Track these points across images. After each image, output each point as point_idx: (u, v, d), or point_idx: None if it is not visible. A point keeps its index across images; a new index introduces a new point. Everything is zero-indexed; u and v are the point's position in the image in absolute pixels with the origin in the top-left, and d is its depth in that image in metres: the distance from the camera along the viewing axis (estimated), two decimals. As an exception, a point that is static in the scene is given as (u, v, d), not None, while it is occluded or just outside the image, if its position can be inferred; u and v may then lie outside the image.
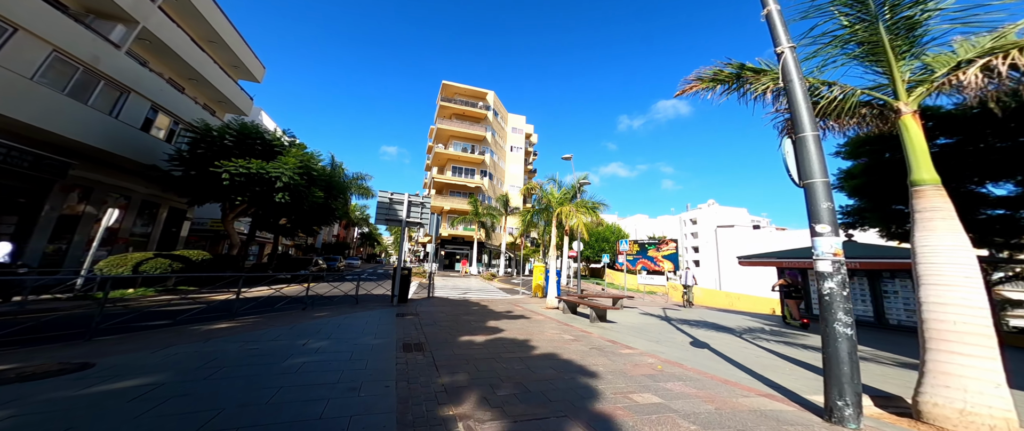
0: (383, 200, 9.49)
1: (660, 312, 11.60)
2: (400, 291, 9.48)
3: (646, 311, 11.54)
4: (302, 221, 18.08)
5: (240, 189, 12.29)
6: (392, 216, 9.59)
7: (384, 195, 9.52)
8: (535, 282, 14.84)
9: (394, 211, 9.61)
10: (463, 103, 41.46)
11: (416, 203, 9.98)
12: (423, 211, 10.05)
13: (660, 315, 10.65)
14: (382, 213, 9.45)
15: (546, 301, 10.45)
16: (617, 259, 30.40)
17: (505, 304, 11.03)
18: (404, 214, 9.56)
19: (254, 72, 20.65)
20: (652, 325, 8.38)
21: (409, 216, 9.80)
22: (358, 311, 7.85)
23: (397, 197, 9.68)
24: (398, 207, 9.65)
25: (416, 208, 9.96)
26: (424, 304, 9.87)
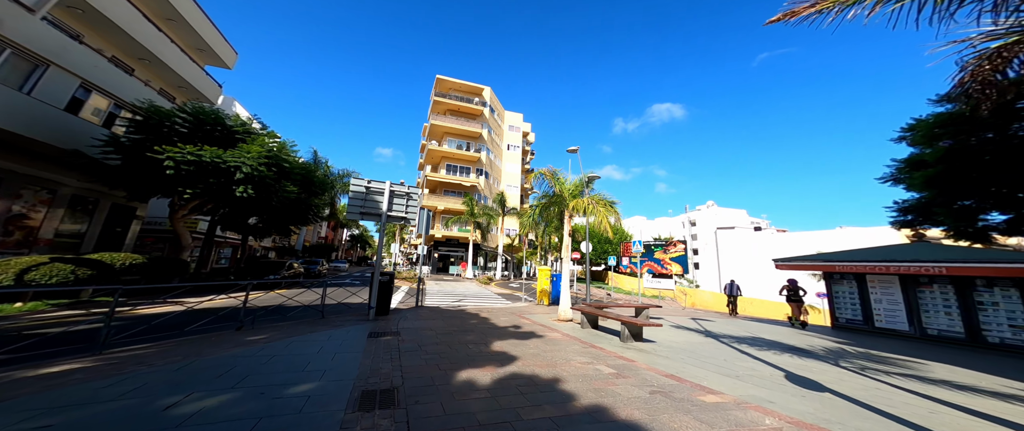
0: (357, 189, 7.62)
1: (694, 324, 9.85)
2: (379, 301, 7.60)
3: (678, 323, 9.78)
4: (275, 220, 16.04)
5: (189, 180, 10.29)
6: (370, 209, 7.71)
7: (359, 183, 7.66)
8: (540, 287, 13.05)
9: (372, 203, 7.75)
10: (458, 98, 39.68)
11: (400, 194, 8.14)
12: (409, 204, 8.21)
13: (698, 329, 8.88)
14: (356, 205, 7.57)
15: (558, 311, 8.66)
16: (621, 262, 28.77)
17: (508, 315, 9.22)
18: (385, 206, 7.70)
19: (223, 57, 18.63)
20: (703, 345, 6.57)
21: (392, 209, 7.95)
22: (320, 330, 5.97)
23: (376, 185, 7.83)
24: (377, 198, 7.80)
25: (400, 200, 8.11)
26: (410, 317, 8.01)
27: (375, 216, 7.67)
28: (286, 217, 16.16)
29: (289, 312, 7.40)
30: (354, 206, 7.51)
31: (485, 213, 31.00)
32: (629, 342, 6.03)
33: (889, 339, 8.38)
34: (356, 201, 7.54)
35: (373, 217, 7.66)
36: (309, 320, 6.86)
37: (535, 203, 10.36)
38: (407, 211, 8.16)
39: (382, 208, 7.73)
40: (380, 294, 7.76)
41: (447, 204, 34.52)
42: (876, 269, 8.37)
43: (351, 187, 7.54)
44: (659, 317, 10.57)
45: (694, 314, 13.67)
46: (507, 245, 38.56)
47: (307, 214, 17.33)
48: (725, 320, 11.60)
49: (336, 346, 4.92)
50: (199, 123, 11.67)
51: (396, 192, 8.11)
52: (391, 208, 7.96)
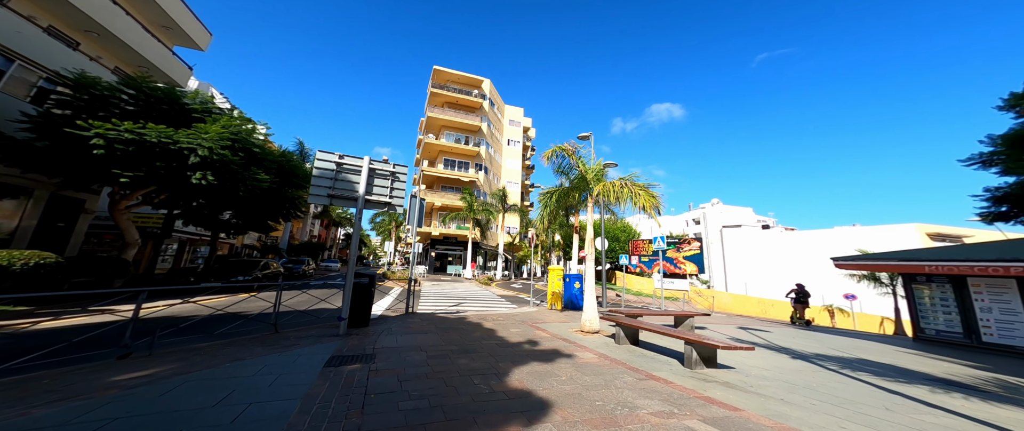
0: (324, 165, 5.84)
1: (755, 336, 8.07)
2: (354, 308, 5.86)
3: (732, 335, 8.04)
4: (249, 214, 14.22)
5: (129, 163, 8.50)
6: (342, 191, 5.94)
7: (326, 158, 5.87)
8: (551, 289, 11.35)
9: (346, 184, 5.99)
10: (456, 90, 37.91)
11: (383, 173, 6.38)
12: (395, 186, 6.46)
13: (770, 344, 7.01)
14: (322, 186, 5.79)
15: (582, 321, 6.95)
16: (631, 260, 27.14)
17: (518, 324, 7.51)
18: (362, 188, 5.94)
19: (195, 37, 16.79)
20: (803, 373, 4.71)
21: (372, 192, 6.19)
22: (258, 354, 4.22)
23: (351, 162, 6.07)
24: (352, 178, 6.04)
25: (383, 181, 6.36)
26: (396, 329, 6.27)
27: (349, 200, 5.91)
28: (261, 211, 14.35)
29: (227, 325, 5.56)
30: (319, 187, 5.74)
31: (484, 209, 29.27)
32: (700, 369, 4.32)
33: (1010, 359, 6.63)
34: (322, 181, 5.77)
35: (346, 202, 5.90)
36: (254, 337, 5.09)
37: (548, 190, 8.63)
38: (391, 195, 6.41)
39: (358, 190, 5.98)
40: (357, 299, 6.02)
41: (445, 200, 32.75)
42: (988, 271, 6.65)
43: (316, 162, 5.77)
44: (703, 325, 8.83)
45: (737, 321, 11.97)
46: (507, 243, 36.84)
47: (287, 208, 15.53)
48: (784, 329, 9.87)
49: (262, 387, 3.17)
50: (149, 98, 9.87)
51: (377, 170, 6.36)
52: (371, 191, 6.21)
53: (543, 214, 8.66)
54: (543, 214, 8.66)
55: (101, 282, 9.43)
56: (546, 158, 7.75)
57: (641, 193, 6.44)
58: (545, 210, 8.65)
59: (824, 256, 33.07)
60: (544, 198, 8.61)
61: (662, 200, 6.48)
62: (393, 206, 6.42)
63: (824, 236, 34.86)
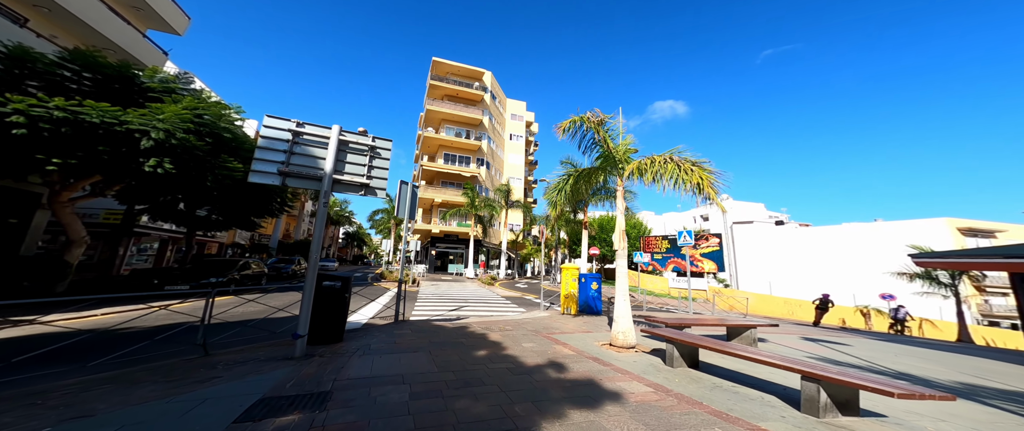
0: (274, 134, 4.34)
1: (845, 354, 6.53)
2: (319, 321, 4.44)
3: (810, 351, 6.57)
4: (226, 209, 12.85)
5: (63, 147, 7.12)
6: (301, 170, 4.47)
7: (277, 125, 4.37)
8: (564, 291, 9.91)
9: (305, 160, 4.53)
10: (457, 83, 36.45)
11: (358, 147, 4.93)
12: (374, 165, 5.01)
13: (882, 369, 5.56)
14: (270, 160, 4.25)
15: (613, 333, 5.49)
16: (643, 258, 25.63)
17: (531, 336, 6.08)
18: (329, 164, 4.50)
19: (169, 20, 15.42)
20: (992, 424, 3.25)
21: (343, 171, 4.75)
22: (139, 401, 2.79)
23: (314, 132, 4.61)
24: (314, 152, 4.60)
25: (358, 157, 4.90)
26: (376, 347, 4.84)
27: (309, 181, 4.46)
28: (241, 206, 12.97)
29: (135, 346, 4.04)
30: (266, 162, 4.23)
31: (487, 206, 27.86)
32: (832, 417, 2.85)
33: None
34: (271, 154, 4.30)
35: (306, 182, 4.45)
36: (163, 365, 3.64)
37: (566, 172, 7.15)
38: (370, 175, 4.96)
39: (324, 168, 4.53)
40: (324, 309, 4.60)
41: (445, 196, 31.36)
42: None
43: (262, 131, 4.31)
44: (763, 337, 7.26)
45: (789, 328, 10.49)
46: (511, 241, 35.43)
47: (270, 202, 14.15)
48: (866, 341, 8.29)
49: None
50: (99, 79, 8.49)
51: (351, 144, 4.91)
52: (341, 169, 4.77)
53: (557, 200, 7.20)
54: (557, 200, 7.20)
55: (39, 289, 8.06)
56: (562, 131, 6.28)
57: (694, 169, 4.93)
58: (559, 196, 7.18)
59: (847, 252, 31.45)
60: (560, 182, 7.13)
61: (721, 179, 4.97)
62: (372, 189, 4.98)
63: (845, 232, 33.18)
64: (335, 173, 4.67)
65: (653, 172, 5.42)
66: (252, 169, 4.12)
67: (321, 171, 4.53)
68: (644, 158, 5.68)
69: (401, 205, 7.48)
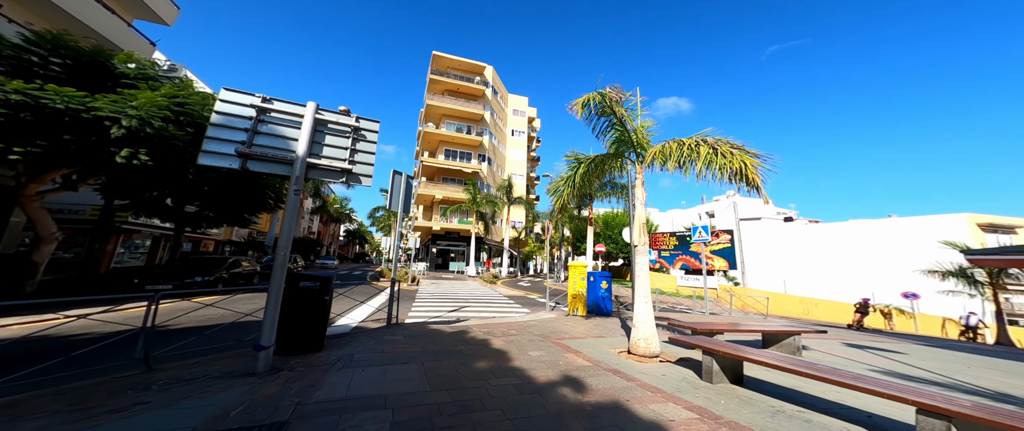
0: (233, 109, 3.60)
1: (908, 365, 5.79)
2: (295, 328, 3.78)
3: (860, 359, 5.83)
4: (216, 204, 12.26)
5: (24, 134, 6.50)
6: (265, 151, 3.75)
7: (236, 99, 3.63)
8: (572, 291, 9.23)
9: (273, 140, 3.82)
10: (457, 77, 35.69)
11: (339, 128, 4.24)
12: (358, 148, 4.32)
13: (964, 385, 4.80)
14: (226, 139, 3.50)
15: (634, 340, 4.80)
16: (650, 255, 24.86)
17: (538, 342, 5.40)
18: (302, 147, 3.81)
19: (157, 9, 14.76)
20: None
21: (320, 154, 4.07)
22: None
23: (284, 108, 3.92)
24: (283, 131, 3.91)
25: (338, 139, 4.22)
26: (359, 358, 4.18)
27: (277, 164, 3.77)
28: (232, 201, 12.36)
29: (80, 352, 3.42)
30: (221, 142, 3.51)
31: (489, 202, 27.16)
32: None
33: None
34: (228, 133, 3.59)
35: (273, 166, 3.77)
36: (94, 381, 2.98)
37: (576, 160, 6.43)
38: (352, 160, 4.28)
39: (296, 150, 3.84)
40: (299, 313, 3.94)
41: (446, 193, 30.70)
42: None
43: (218, 106, 3.61)
44: (805, 344, 6.45)
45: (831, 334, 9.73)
46: (513, 239, 34.80)
47: (263, 197, 13.53)
48: (921, 348, 7.45)
49: None
50: (71, 65, 7.86)
51: (330, 124, 4.23)
52: (318, 152, 4.09)
53: (565, 191, 6.50)
54: (565, 191, 6.50)
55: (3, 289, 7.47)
56: (580, 107, 5.56)
57: (734, 153, 4.13)
58: (567, 186, 6.48)
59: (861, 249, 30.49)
60: (569, 171, 6.42)
61: (767, 164, 4.19)
62: (356, 176, 4.30)
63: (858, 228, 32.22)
64: (310, 157, 3.98)
65: (679, 157, 4.68)
66: (203, 149, 3.44)
67: (292, 154, 3.85)
68: (668, 141, 4.94)
69: (394, 197, 6.81)
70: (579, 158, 6.31)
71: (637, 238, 5.07)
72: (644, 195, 5.33)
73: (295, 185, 3.64)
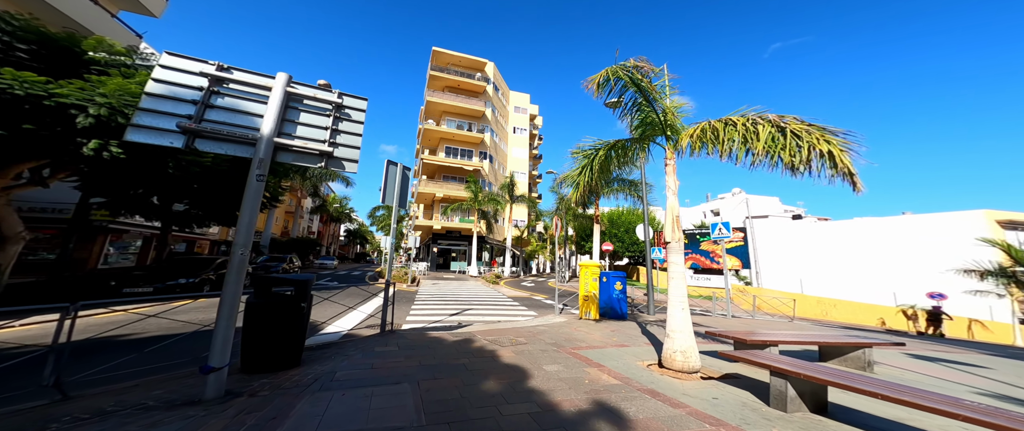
0: (176, 78, 2.85)
1: None
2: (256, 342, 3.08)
3: (956, 380, 4.99)
4: (204, 202, 11.60)
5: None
6: (219, 128, 2.99)
7: (181, 66, 2.90)
8: (583, 292, 8.50)
9: (229, 115, 3.08)
10: (458, 73, 35.00)
11: (316, 106, 3.52)
12: (340, 128, 3.61)
13: None
14: (167, 111, 2.76)
15: (668, 352, 4.07)
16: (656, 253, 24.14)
17: (552, 353, 4.68)
18: (268, 125, 3.09)
19: (144, 1, 14.14)
20: None
21: (292, 133, 3.36)
22: None
23: (247, 79, 3.20)
24: (245, 105, 3.19)
25: (314, 117, 3.50)
26: (343, 376, 3.46)
27: (238, 144, 3.05)
28: (221, 198, 11.69)
29: None
30: (157, 115, 2.76)
31: (490, 200, 26.45)
32: None
33: None
34: (169, 105, 2.84)
35: (232, 146, 3.05)
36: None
37: (593, 147, 5.70)
38: (333, 142, 3.56)
39: (260, 128, 3.11)
40: (269, 325, 3.23)
41: (447, 191, 30.01)
42: None
43: (157, 72, 2.87)
44: (876, 359, 5.56)
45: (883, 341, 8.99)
46: (516, 238, 34.10)
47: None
48: (1004, 362, 6.49)
49: None
50: (50, 52, 7.20)
51: (306, 99, 3.52)
52: (289, 131, 3.38)
53: (581, 180, 5.77)
54: (581, 180, 5.77)
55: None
56: (596, 85, 4.83)
57: (812, 132, 3.27)
58: (583, 175, 5.75)
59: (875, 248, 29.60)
60: (589, 156, 5.69)
61: (856, 149, 3.34)
62: (338, 160, 3.58)
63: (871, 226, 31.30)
64: (279, 136, 3.26)
65: (730, 140, 3.88)
66: (132, 123, 2.71)
67: (255, 133, 3.12)
68: (710, 121, 4.16)
69: (389, 190, 6.10)
70: (597, 145, 5.58)
71: (670, 233, 4.34)
72: (676, 184, 4.59)
73: (258, 169, 2.93)
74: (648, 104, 4.86)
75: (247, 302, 3.18)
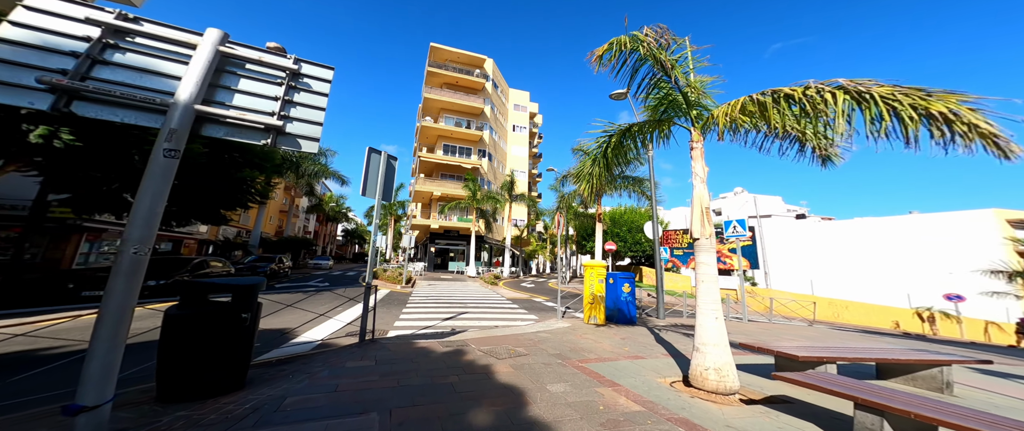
0: (44, 22, 2.13)
1: None
2: (183, 363, 2.37)
3: None
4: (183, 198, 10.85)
5: None
6: (110, 90, 2.27)
7: (56, 6, 2.20)
8: (588, 294, 7.81)
9: (133, 77, 2.37)
10: (456, 70, 34.31)
11: (262, 71, 2.81)
12: (294, 100, 2.90)
13: None
14: (18, 62, 2.07)
15: (698, 369, 3.38)
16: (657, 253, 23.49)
17: (556, 368, 3.97)
18: (190, 89, 2.38)
19: None
20: None
21: (227, 102, 2.66)
22: None
23: (163, 34, 2.51)
24: (158, 64, 2.49)
25: (260, 85, 2.79)
26: (292, 404, 2.75)
27: (140, 110, 2.34)
28: (202, 194, 10.96)
29: None
30: (11, 68, 2.06)
31: (489, 199, 25.75)
32: None
33: None
34: (32, 54, 2.11)
35: (132, 113, 2.35)
36: None
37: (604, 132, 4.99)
38: (285, 114, 2.85)
39: (177, 94, 2.37)
40: (198, 342, 2.52)
41: (445, 189, 29.30)
42: None
43: (15, 14, 2.16)
44: (958, 380, 4.71)
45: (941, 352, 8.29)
46: (515, 237, 33.40)
47: (239, 191, 12.15)
48: None
49: None
50: None
51: (247, 62, 2.80)
52: (220, 99, 2.66)
53: (592, 171, 5.08)
54: (592, 171, 5.08)
55: None
56: (598, 60, 4.12)
57: (908, 94, 2.48)
58: (595, 166, 5.05)
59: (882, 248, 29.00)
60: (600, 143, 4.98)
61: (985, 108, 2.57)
62: (291, 138, 2.86)
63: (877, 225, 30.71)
64: (205, 104, 2.53)
65: (793, 116, 3.06)
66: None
67: (167, 98, 2.39)
68: (754, 95, 3.39)
69: (371, 181, 5.40)
70: (609, 129, 4.87)
71: (699, 228, 3.63)
72: (705, 170, 3.88)
73: (167, 141, 2.21)
74: (667, 80, 4.17)
75: (165, 314, 2.46)
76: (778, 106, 3.16)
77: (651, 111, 4.68)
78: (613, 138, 4.88)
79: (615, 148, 4.90)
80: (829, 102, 2.75)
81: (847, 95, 2.68)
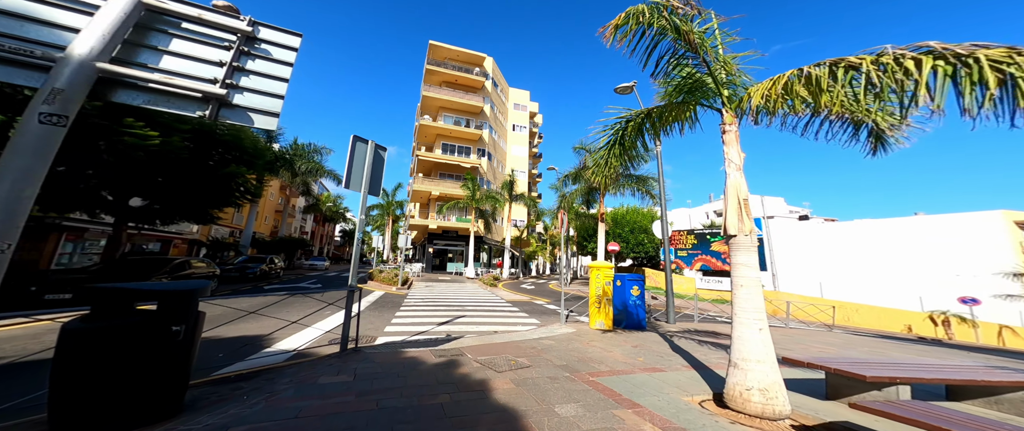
0: None
1: None
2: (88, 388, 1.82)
3: None
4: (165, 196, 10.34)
5: None
6: (21, 46, 1.78)
7: None
8: (594, 297, 7.26)
9: (9, 26, 1.82)
10: (455, 68, 33.81)
11: (201, 29, 2.31)
12: (246, 67, 2.41)
13: None
14: None
15: (736, 388, 2.84)
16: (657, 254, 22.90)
17: (567, 386, 3.42)
18: (91, 42, 1.86)
19: None
20: None
21: (154, 63, 2.14)
22: None
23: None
24: (42, 10, 1.94)
25: (199, 46, 2.29)
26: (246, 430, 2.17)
27: (11, 65, 1.80)
28: (187, 191, 10.40)
29: None
30: None
31: (489, 199, 25.21)
32: None
33: None
34: None
35: (41, 72, 1.81)
36: None
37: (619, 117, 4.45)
38: (232, 82, 2.33)
39: (70, 47, 1.85)
40: (91, 359, 1.96)
41: (443, 189, 28.74)
42: None
43: None
44: None
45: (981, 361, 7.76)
46: (515, 238, 32.82)
47: (227, 189, 11.59)
48: None
49: None
50: None
51: (182, 19, 2.27)
52: (139, 58, 2.14)
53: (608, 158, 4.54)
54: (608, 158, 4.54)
55: None
56: (614, 31, 3.58)
57: None
58: (611, 152, 4.51)
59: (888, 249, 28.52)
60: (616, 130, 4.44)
61: None
62: (239, 110, 2.37)
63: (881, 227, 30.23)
64: (113, 62, 1.98)
65: (844, 89, 2.49)
66: None
67: (54, 51, 1.84)
68: (805, 67, 2.82)
69: (355, 173, 4.85)
70: (624, 115, 4.33)
71: (735, 223, 3.09)
72: (742, 157, 3.34)
73: (46, 103, 1.66)
74: (691, 56, 3.63)
75: (63, 329, 1.90)
76: (836, 80, 2.62)
77: (671, 95, 4.14)
78: (630, 124, 4.35)
79: (632, 134, 4.36)
80: (912, 72, 2.20)
81: (942, 61, 2.13)
